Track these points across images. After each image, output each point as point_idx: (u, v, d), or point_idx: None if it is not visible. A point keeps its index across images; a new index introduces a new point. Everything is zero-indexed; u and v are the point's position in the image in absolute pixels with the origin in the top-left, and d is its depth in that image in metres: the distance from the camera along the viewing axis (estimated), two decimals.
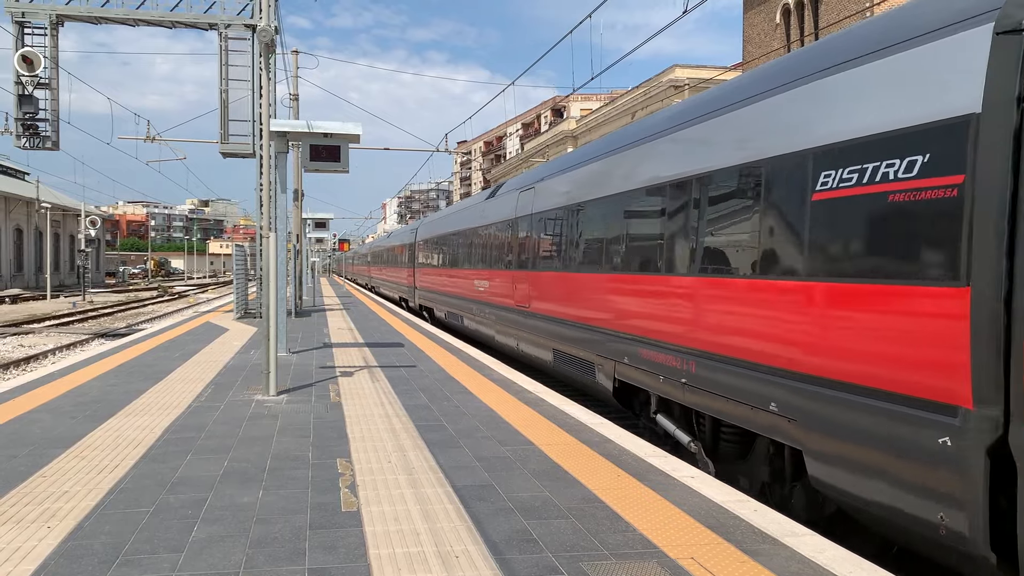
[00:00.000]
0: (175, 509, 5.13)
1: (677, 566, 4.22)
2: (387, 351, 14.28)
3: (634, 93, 43.90)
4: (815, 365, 5.56)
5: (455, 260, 21.02)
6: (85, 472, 6.00)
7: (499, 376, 11.26)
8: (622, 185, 9.50)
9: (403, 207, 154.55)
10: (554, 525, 4.86)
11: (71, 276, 65.90)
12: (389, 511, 5.13)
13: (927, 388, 4.60)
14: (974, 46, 4.54)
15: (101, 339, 24.07)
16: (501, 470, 6.14)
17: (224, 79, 19.51)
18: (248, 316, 22.18)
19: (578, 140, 53.68)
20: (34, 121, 19.22)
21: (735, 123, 7.06)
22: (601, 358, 9.91)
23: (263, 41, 10.72)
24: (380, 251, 48.25)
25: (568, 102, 73.33)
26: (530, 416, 8.34)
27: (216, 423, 7.86)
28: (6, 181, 57.63)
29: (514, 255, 14.61)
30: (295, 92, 28.96)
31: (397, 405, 8.92)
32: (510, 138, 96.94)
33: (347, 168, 10.74)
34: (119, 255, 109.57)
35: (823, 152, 5.65)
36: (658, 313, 8.22)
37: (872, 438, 4.99)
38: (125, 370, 11.58)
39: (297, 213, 27.45)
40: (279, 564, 4.21)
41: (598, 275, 10.06)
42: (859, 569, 4.19)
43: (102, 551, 4.38)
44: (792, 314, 5.86)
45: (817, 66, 6.06)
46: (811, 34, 31.11)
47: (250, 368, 11.78)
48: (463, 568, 4.19)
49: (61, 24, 19.34)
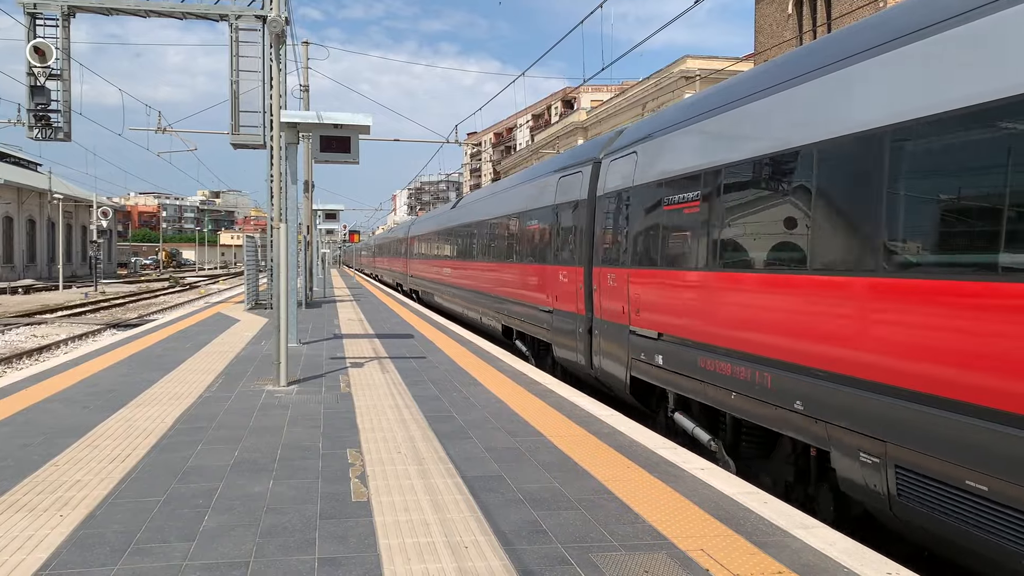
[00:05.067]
0: (186, 498, 5.16)
1: (687, 558, 4.21)
2: (397, 342, 14.31)
3: (645, 84, 43.70)
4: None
5: (437, 254, 26.73)
6: (97, 461, 6.04)
7: (509, 368, 11.26)
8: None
9: (413, 199, 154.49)
10: (564, 516, 4.86)
11: (83, 267, 66.24)
12: (399, 501, 5.14)
13: (576, 308, 11.24)
14: (585, 172, 11.26)
15: (113, 329, 24.20)
16: (511, 461, 6.14)
17: (235, 70, 19.52)
18: (259, 307, 22.25)
19: (588, 131, 53.52)
20: (46, 112, 19.28)
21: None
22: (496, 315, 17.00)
23: (273, 32, 10.73)
24: (382, 244, 54.93)
25: (578, 93, 73.07)
26: (540, 408, 8.34)
27: (227, 413, 7.90)
28: (19, 172, 57.91)
29: (469, 251, 20.34)
30: (306, 83, 28.97)
31: (407, 396, 8.94)
32: (520, 129, 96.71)
33: (357, 159, 10.73)
34: (131, 246, 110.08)
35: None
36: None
37: (566, 330, 11.74)
38: (137, 360, 11.64)
39: (308, 204, 27.50)
40: (290, 553, 4.23)
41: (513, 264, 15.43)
42: (869, 562, 4.18)
43: (114, 539, 4.41)
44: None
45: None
46: (823, 25, 30.87)
47: (261, 359, 11.83)
48: (472, 558, 4.20)
49: (73, 15, 19.37)
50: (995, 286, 4.32)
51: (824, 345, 5.64)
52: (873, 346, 5.19)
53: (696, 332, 7.55)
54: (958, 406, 4.51)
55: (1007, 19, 4.40)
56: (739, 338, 6.77)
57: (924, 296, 4.79)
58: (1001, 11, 4.45)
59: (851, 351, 5.37)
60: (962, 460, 4.47)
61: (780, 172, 6.36)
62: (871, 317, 5.20)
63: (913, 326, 4.87)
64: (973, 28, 4.63)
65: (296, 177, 11.92)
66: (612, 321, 9.83)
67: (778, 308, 6.23)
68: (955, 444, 4.51)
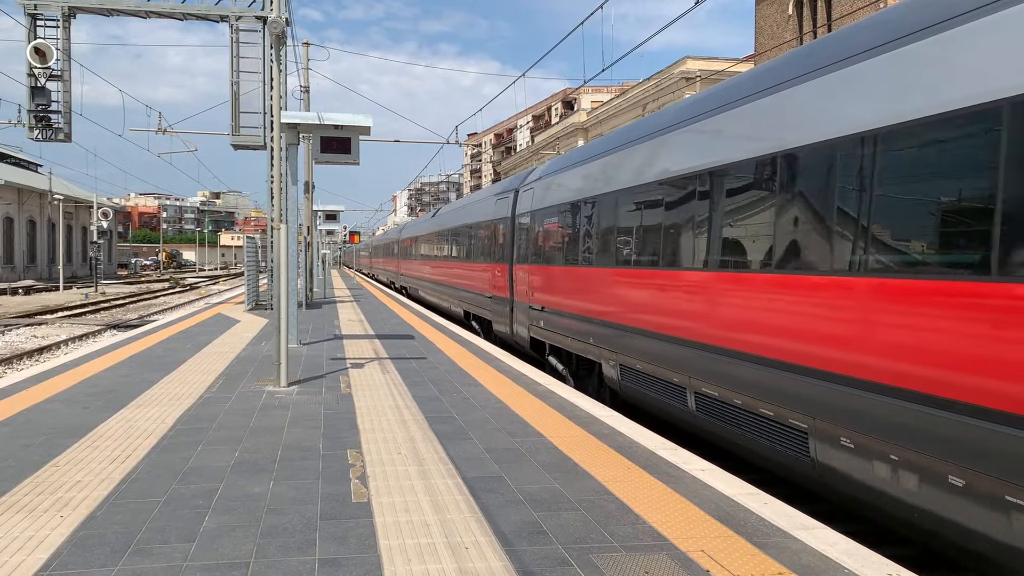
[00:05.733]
0: (187, 499, 5.16)
1: (687, 559, 4.22)
2: (397, 343, 14.31)
3: (645, 85, 43.71)
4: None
5: (421, 254, 31.00)
6: (97, 462, 6.04)
7: (509, 368, 11.27)
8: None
9: (413, 199, 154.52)
10: (564, 517, 4.87)
11: (83, 268, 66.26)
12: (399, 502, 5.14)
13: (505, 294, 15.72)
14: (511, 197, 15.92)
15: (113, 330, 24.21)
16: (511, 462, 6.15)
17: (235, 71, 19.54)
18: (259, 308, 22.26)
19: (588, 133, 53.52)
20: (47, 113, 19.31)
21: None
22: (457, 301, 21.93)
23: (274, 33, 10.74)
24: (377, 246, 60.55)
25: (579, 94, 73.08)
26: (540, 408, 8.34)
27: (227, 414, 7.90)
28: (19, 173, 57.89)
29: (440, 253, 25.32)
30: (306, 84, 28.98)
31: (407, 397, 8.94)
32: (520, 130, 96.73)
33: (358, 160, 10.73)
34: (131, 247, 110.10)
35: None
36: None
37: (499, 310, 16.20)
38: (137, 361, 11.64)
39: (308, 205, 27.51)
40: (290, 554, 4.23)
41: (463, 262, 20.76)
42: (869, 563, 4.18)
43: (114, 540, 4.41)
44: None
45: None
46: (824, 26, 30.88)
47: (261, 359, 11.83)
48: (473, 559, 4.20)
49: (73, 16, 19.40)
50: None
51: (592, 304, 10.68)
52: (605, 302, 10.10)
53: (556, 304, 12.41)
54: (630, 329, 9.24)
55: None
56: (571, 305, 11.62)
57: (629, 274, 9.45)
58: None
59: (600, 307, 10.32)
60: (641, 357, 8.96)
61: (588, 210, 11.06)
62: (608, 289, 10.00)
63: (589, 286, 10.75)
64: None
65: (296, 178, 11.93)
66: (522, 301, 14.60)
67: (583, 287, 11.05)
68: (634, 350, 9.13)
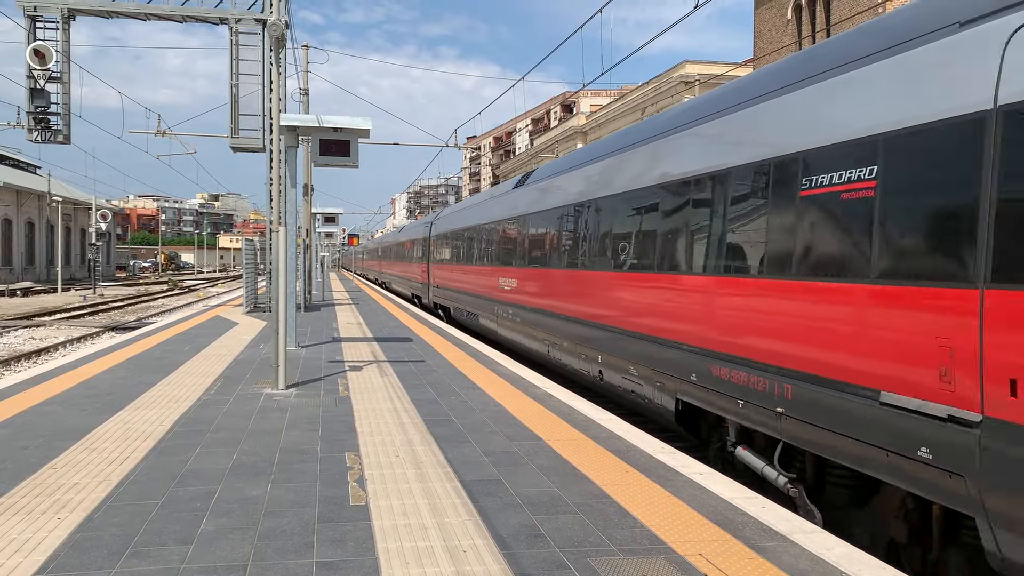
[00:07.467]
0: (184, 501, 5.15)
1: (685, 562, 4.22)
2: (396, 346, 14.31)
3: (644, 89, 43.76)
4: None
5: (384, 257, 49.85)
6: (95, 464, 6.03)
7: (507, 371, 11.27)
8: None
9: (412, 202, 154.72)
10: (562, 520, 4.86)
11: (82, 270, 66.17)
12: (397, 505, 5.14)
13: (424, 280, 30.84)
14: (428, 226, 30.69)
15: (111, 332, 24.18)
16: (509, 465, 6.15)
17: (235, 74, 19.56)
18: (257, 310, 22.25)
19: (588, 136, 53.56)
20: (46, 115, 19.32)
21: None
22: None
23: (273, 36, 10.74)
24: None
25: (578, 98, 73.15)
26: (538, 411, 8.34)
27: (225, 416, 7.90)
28: (18, 175, 57.87)
29: (400, 256, 42.05)
30: (305, 87, 28.99)
31: (406, 400, 8.94)
32: (519, 133, 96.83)
33: (357, 163, 10.74)
34: (130, 249, 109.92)
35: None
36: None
37: (421, 288, 31.68)
38: (135, 363, 11.63)
39: (307, 208, 27.51)
40: (288, 557, 4.23)
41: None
42: (867, 567, 4.18)
43: (112, 542, 4.41)
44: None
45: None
46: (823, 30, 30.95)
47: (259, 362, 11.82)
48: (471, 563, 4.19)
49: (73, 18, 19.41)
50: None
51: (453, 283, 22.59)
52: (470, 286, 19.87)
53: (443, 280, 24.57)
54: (459, 291, 21.85)
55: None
56: (452, 282, 22.83)
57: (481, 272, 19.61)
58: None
59: (452, 283, 23.00)
60: (467, 307, 20.65)
61: (470, 234, 20.10)
62: (467, 278, 20.55)
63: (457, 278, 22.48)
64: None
65: (296, 180, 11.93)
66: (430, 283, 27.31)
67: (459, 277, 21.78)
68: (459, 300, 21.56)
